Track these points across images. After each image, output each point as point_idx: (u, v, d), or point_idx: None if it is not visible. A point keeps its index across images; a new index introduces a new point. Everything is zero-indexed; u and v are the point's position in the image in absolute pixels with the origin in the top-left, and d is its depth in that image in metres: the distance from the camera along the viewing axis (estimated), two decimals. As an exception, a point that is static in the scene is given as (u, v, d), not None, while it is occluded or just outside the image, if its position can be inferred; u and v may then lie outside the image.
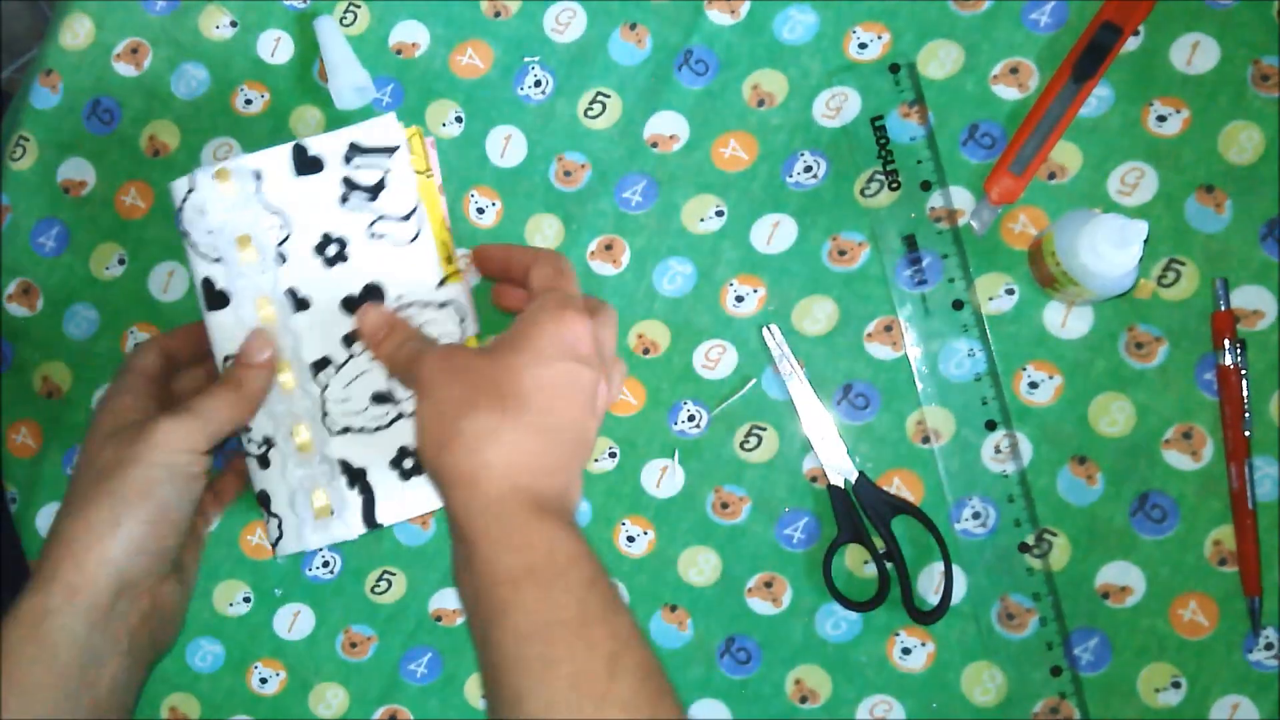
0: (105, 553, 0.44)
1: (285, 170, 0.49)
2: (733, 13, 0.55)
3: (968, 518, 0.53)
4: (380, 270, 0.49)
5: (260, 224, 0.49)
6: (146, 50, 0.59)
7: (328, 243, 0.49)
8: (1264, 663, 0.50)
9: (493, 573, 0.41)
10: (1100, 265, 0.46)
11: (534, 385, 0.42)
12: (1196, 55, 0.52)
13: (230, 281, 0.49)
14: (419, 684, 0.56)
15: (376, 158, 0.49)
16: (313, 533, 0.49)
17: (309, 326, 0.49)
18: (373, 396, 0.49)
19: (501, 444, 0.41)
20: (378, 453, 0.50)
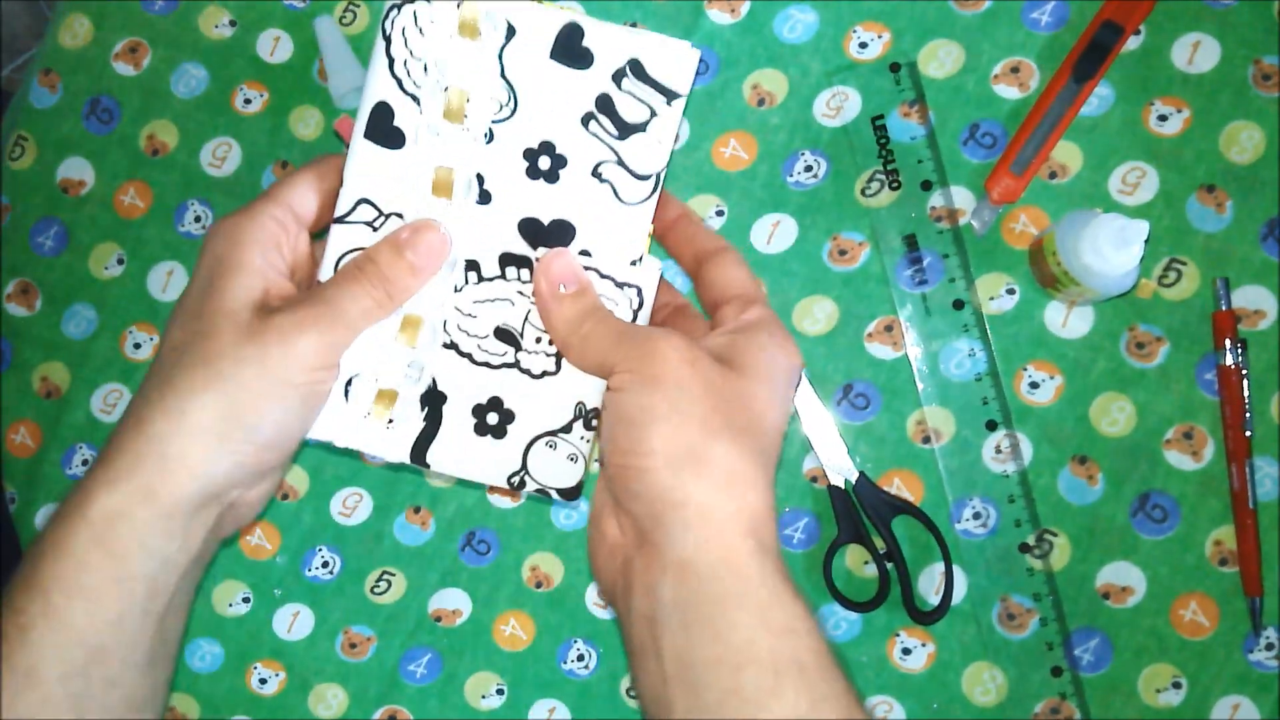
0: (199, 467, 0.38)
1: (543, 43, 0.40)
2: (733, 12, 0.55)
3: (968, 518, 0.53)
4: (582, 214, 0.41)
5: (485, 87, 0.40)
6: (146, 50, 0.59)
7: (544, 153, 0.41)
8: (1265, 663, 0.50)
9: (744, 653, 0.33)
10: (1101, 265, 0.46)
11: (776, 427, 0.37)
12: (1197, 55, 0.52)
13: (415, 126, 0.41)
14: (419, 684, 0.56)
15: (653, 93, 0.40)
16: (355, 431, 0.42)
17: (478, 223, 0.42)
18: (497, 329, 0.42)
19: (758, 489, 0.35)
20: (468, 389, 0.42)
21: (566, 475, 0.43)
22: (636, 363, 0.37)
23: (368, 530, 0.56)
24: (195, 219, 0.58)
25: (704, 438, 0.35)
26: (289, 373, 0.38)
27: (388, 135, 0.41)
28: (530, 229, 0.42)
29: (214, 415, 0.38)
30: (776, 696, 0.33)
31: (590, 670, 0.55)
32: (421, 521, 0.56)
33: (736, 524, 0.35)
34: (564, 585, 0.55)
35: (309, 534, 0.56)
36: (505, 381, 0.42)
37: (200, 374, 0.38)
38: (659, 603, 0.35)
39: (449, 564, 0.56)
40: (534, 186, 0.41)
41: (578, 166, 0.41)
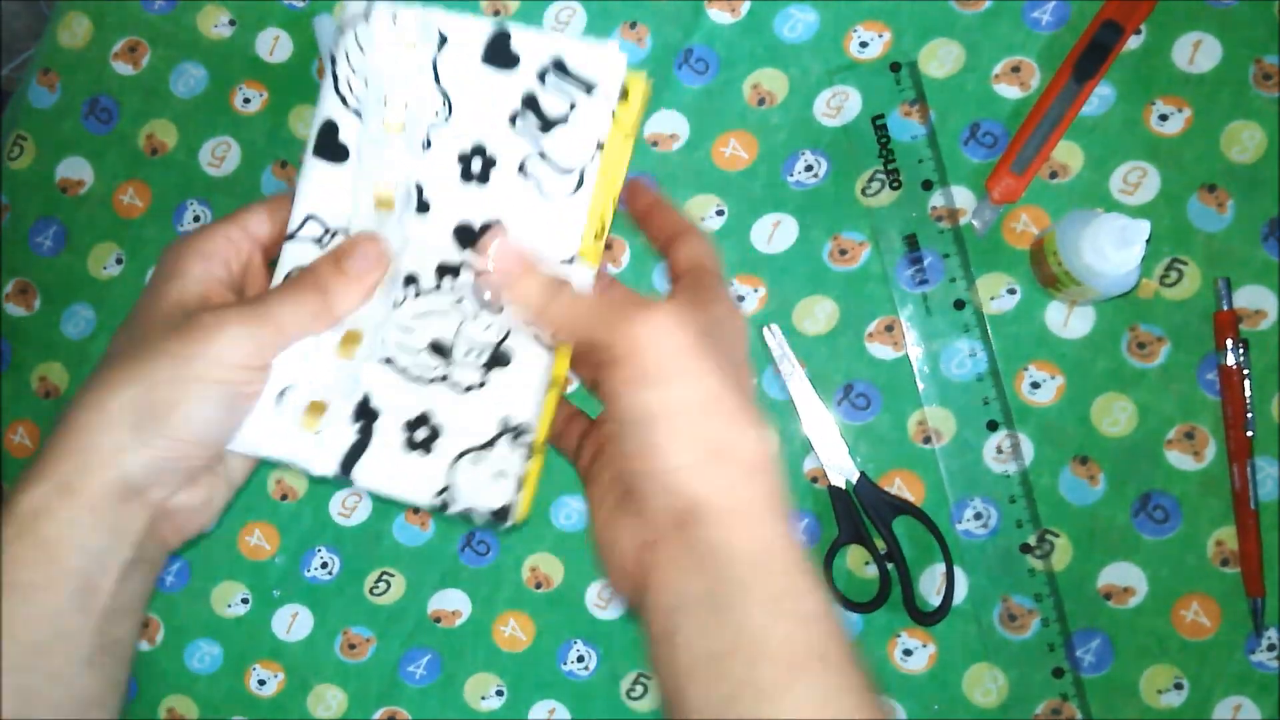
0: (113, 460, 0.37)
1: (473, 49, 0.41)
2: (733, 11, 0.55)
3: (969, 518, 0.53)
4: (510, 211, 0.41)
5: (422, 96, 0.41)
6: (145, 49, 0.59)
7: (476, 155, 0.41)
8: (1266, 663, 0.50)
9: (760, 642, 0.33)
10: (1102, 265, 0.46)
11: (751, 393, 0.37)
12: (1198, 54, 0.52)
13: (359, 140, 0.41)
14: (418, 685, 0.56)
15: (573, 87, 0.40)
16: (282, 440, 0.41)
17: (419, 234, 0.42)
18: (431, 343, 0.42)
19: (774, 471, 0.34)
20: (400, 404, 0.42)
21: (492, 494, 0.41)
22: (638, 350, 0.35)
23: (367, 531, 0.56)
24: (194, 218, 0.58)
25: (728, 427, 0.34)
26: (210, 369, 0.38)
27: (334, 151, 0.42)
28: (464, 235, 0.41)
29: (130, 406, 0.37)
30: (791, 689, 0.32)
31: (590, 671, 0.55)
32: (421, 522, 0.56)
33: (760, 511, 0.34)
34: (564, 586, 0.55)
35: (308, 535, 0.56)
36: (435, 396, 0.42)
37: (123, 368, 0.38)
38: (679, 596, 0.35)
39: (448, 564, 0.56)
40: (467, 190, 0.41)
41: (505, 165, 0.41)
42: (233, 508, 0.56)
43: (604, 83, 0.40)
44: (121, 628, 0.40)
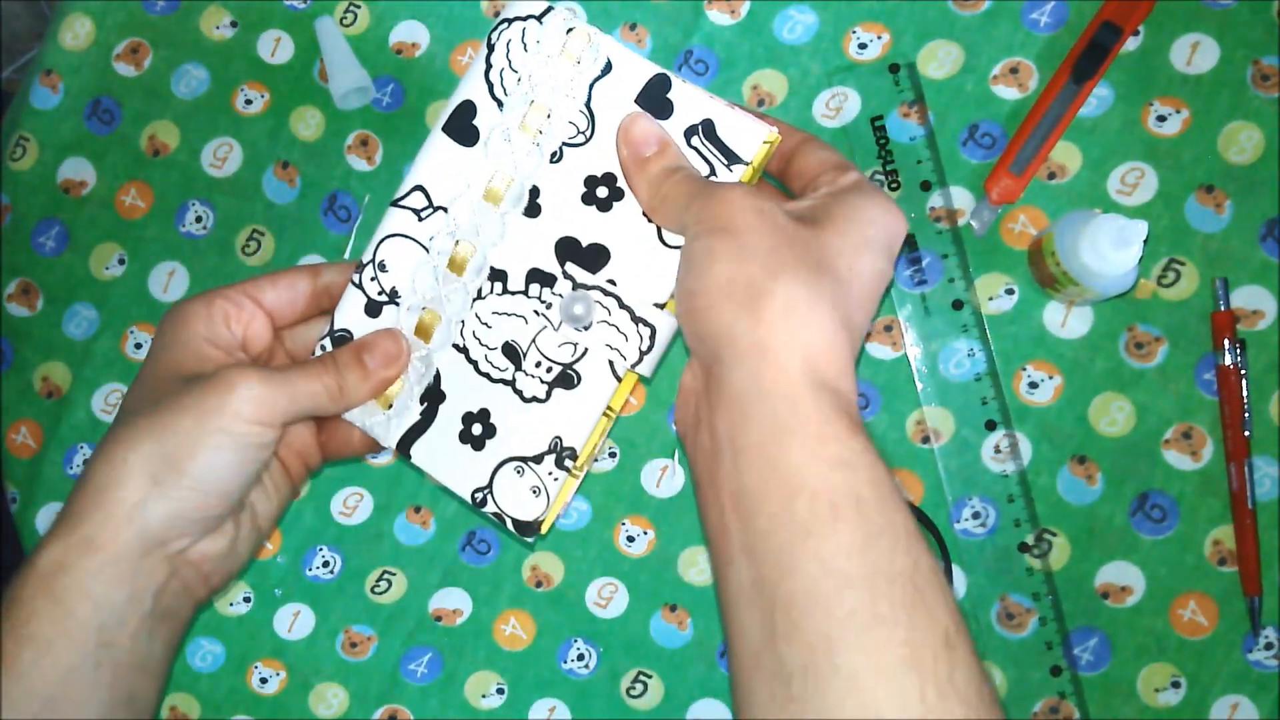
0: (135, 512, 0.39)
1: (632, 85, 0.42)
2: (732, 13, 0.55)
3: (967, 517, 0.53)
4: (623, 245, 0.42)
5: (568, 109, 0.42)
6: (147, 50, 0.59)
7: (605, 184, 0.42)
8: (1264, 662, 0.50)
9: (792, 482, 0.33)
10: (1100, 265, 0.46)
11: (853, 274, 0.36)
12: (1196, 55, 0.52)
13: (492, 130, 0.43)
14: (419, 684, 0.56)
15: (716, 155, 0.42)
16: (360, 408, 0.44)
17: (519, 234, 0.43)
18: (505, 345, 0.43)
19: (819, 324, 0.34)
20: (463, 395, 0.44)
21: (526, 507, 0.43)
22: (709, 212, 0.37)
23: (368, 530, 0.56)
24: (196, 219, 0.58)
25: (764, 274, 0.34)
26: (224, 421, 0.39)
27: (464, 131, 0.43)
28: (565, 248, 0.43)
29: (149, 459, 0.39)
30: (829, 526, 0.32)
31: (590, 670, 0.55)
32: (422, 521, 0.56)
33: (791, 357, 0.34)
34: (564, 585, 0.55)
35: (309, 534, 0.57)
36: (498, 397, 0.44)
37: (140, 424, 0.39)
38: (717, 437, 0.35)
39: (449, 563, 0.56)
40: (585, 211, 0.43)
41: (633, 203, 0.42)
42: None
43: (746, 156, 0.41)
44: (141, 684, 0.41)
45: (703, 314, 0.36)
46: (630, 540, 0.55)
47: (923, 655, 0.31)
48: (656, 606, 0.55)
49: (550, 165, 0.43)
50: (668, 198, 0.40)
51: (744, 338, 0.34)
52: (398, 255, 0.44)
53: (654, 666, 0.55)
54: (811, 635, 0.31)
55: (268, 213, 0.58)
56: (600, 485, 0.55)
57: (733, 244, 0.35)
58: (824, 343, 0.34)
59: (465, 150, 0.43)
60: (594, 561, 0.55)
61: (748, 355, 0.34)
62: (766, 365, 0.34)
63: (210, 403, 0.39)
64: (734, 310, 0.35)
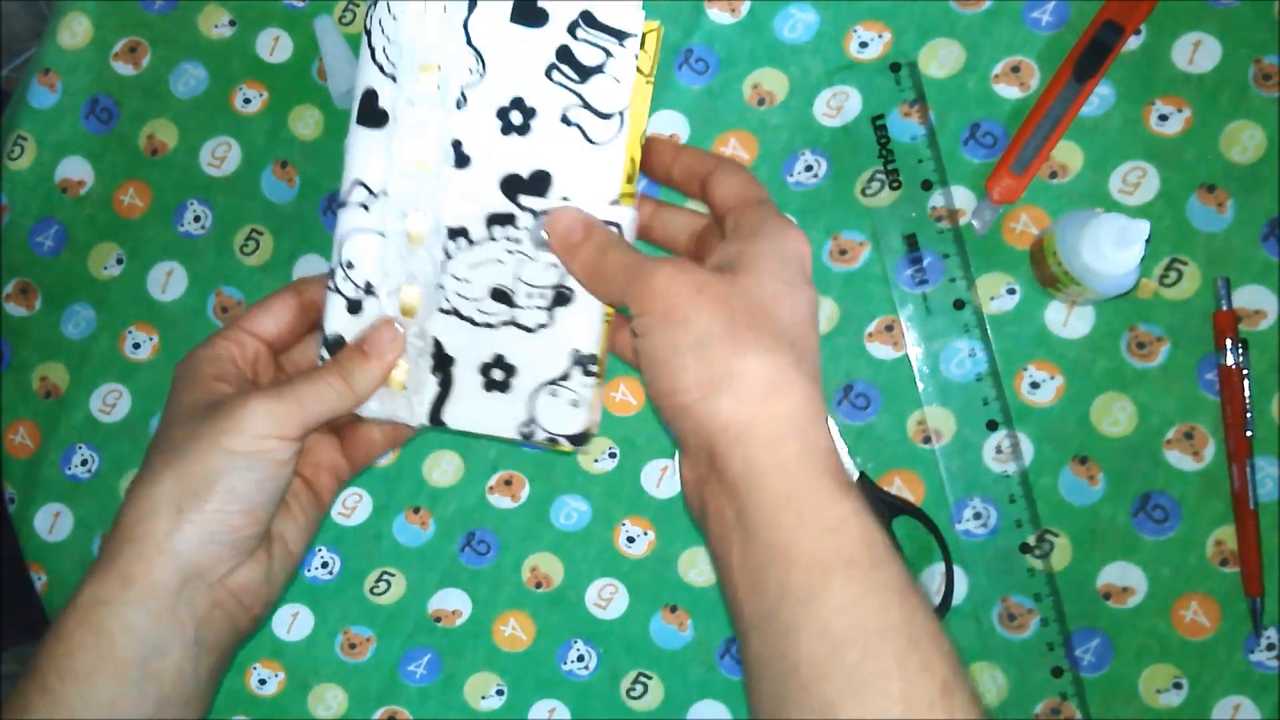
0: (166, 542, 0.40)
1: (503, 8, 0.43)
2: (733, 11, 0.55)
3: (969, 518, 0.53)
4: (556, 160, 0.44)
5: (454, 57, 0.43)
6: (145, 49, 0.59)
7: (515, 108, 0.44)
8: (1266, 663, 0.50)
9: (788, 554, 0.35)
10: (1102, 265, 0.46)
11: (798, 319, 0.38)
12: (1198, 54, 0.52)
13: (395, 104, 0.44)
14: (418, 685, 0.56)
15: (605, 37, 0.43)
16: (376, 400, 0.45)
17: (461, 188, 0.44)
18: (492, 291, 0.45)
19: (792, 393, 0.36)
20: (472, 349, 0.45)
21: (571, 421, 0.45)
22: (649, 301, 0.38)
23: (367, 530, 0.56)
24: (195, 219, 0.58)
25: (730, 356, 0.36)
26: (240, 441, 0.40)
27: (374, 116, 0.44)
28: (510, 184, 0.44)
29: (173, 490, 0.40)
30: (824, 591, 0.34)
31: (590, 671, 0.55)
32: (421, 522, 0.56)
33: (777, 433, 0.36)
34: (564, 585, 0.55)
35: (308, 534, 0.56)
36: (506, 338, 0.45)
37: (161, 458, 0.41)
38: (724, 523, 0.37)
39: (448, 564, 0.56)
40: (509, 142, 0.44)
41: (547, 115, 0.44)
42: (233, 507, 0.56)
43: (631, 30, 0.43)
44: (185, 715, 0.42)
45: (687, 411, 0.37)
46: (630, 541, 0.55)
47: (918, 705, 0.32)
48: (657, 607, 0.55)
49: (459, 113, 0.44)
50: (604, 278, 0.41)
51: (731, 425, 0.36)
52: (360, 250, 0.45)
53: (654, 668, 0.55)
54: (817, 700, 0.33)
55: (266, 212, 0.58)
56: (600, 486, 0.55)
57: (689, 335, 0.37)
58: (801, 406, 0.36)
59: (382, 132, 0.44)
60: (594, 562, 0.55)
61: (738, 440, 0.36)
62: (756, 446, 0.36)
63: (223, 425, 0.40)
64: (715, 401, 0.36)
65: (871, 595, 0.34)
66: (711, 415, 0.36)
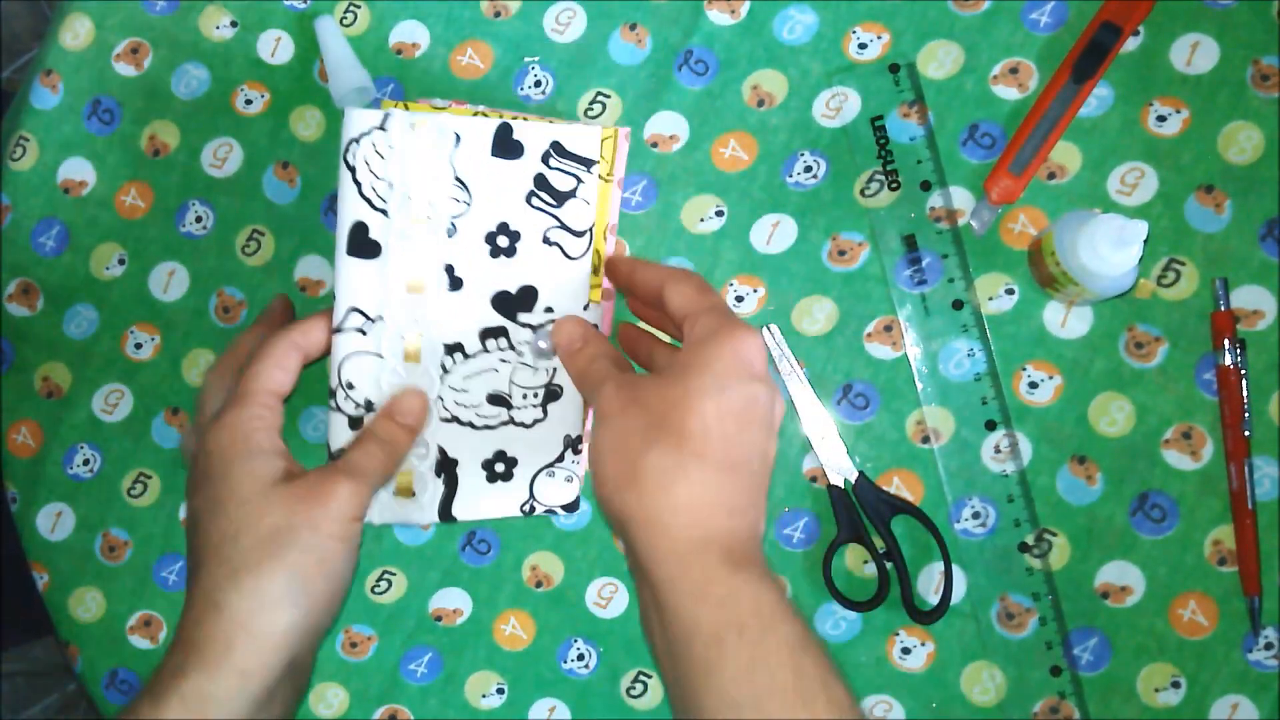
0: (283, 638, 0.41)
1: (483, 144, 0.48)
2: (732, 13, 0.55)
3: (967, 517, 0.53)
4: (540, 275, 0.49)
5: (443, 190, 0.48)
6: (147, 50, 0.59)
7: (501, 233, 0.49)
8: (1264, 662, 0.50)
9: (689, 628, 0.38)
10: (1100, 265, 0.46)
11: (716, 416, 0.40)
12: (1196, 55, 0.52)
13: (387, 236, 0.48)
14: (419, 684, 0.56)
15: (575, 166, 0.49)
16: (384, 509, 0.49)
17: (455, 308, 0.49)
18: (489, 396, 0.49)
19: (689, 484, 0.39)
20: (474, 449, 0.50)
21: (565, 494, 0.52)
22: (597, 405, 0.43)
23: (368, 530, 0.56)
24: (196, 219, 0.58)
25: (637, 454, 0.39)
26: (334, 528, 0.42)
27: (365, 247, 0.48)
28: (501, 301, 0.49)
29: (286, 586, 0.41)
30: (720, 661, 0.37)
31: (590, 669, 0.55)
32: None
33: (673, 520, 0.39)
34: (564, 585, 0.55)
35: (309, 534, 0.57)
36: (505, 436, 0.50)
37: (265, 550, 0.41)
38: (645, 602, 0.41)
39: (449, 564, 0.56)
40: (497, 264, 0.49)
41: (530, 237, 0.49)
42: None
43: (593, 155, 0.50)
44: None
45: (608, 503, 0.41)
46: (630, 540, 0.55)
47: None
48: (656, 606, 0.55)
49: (450, 240, 0.48)
50: (587, 384, 0.45)
51: (636, 514, 0.39)
52: (359, 371, 0.48)
53: (654, 667, 0.55)
54: None
55: (268, 213, 0.58)
56: (600, 485, 0.55)
57: (610, 434, 0.41)
58: (705, 494, 0.39)
59: (374, 262, 0.48)
60: (594, 561, 0.55)
61: (642, 528, 0.39)
62: (655, 534, 0.39)
63: (319, 513, 0.42)
64: (623, 493, 0.40)
65: (761, 662, 0.37)
66: (621, 507, 0.40)
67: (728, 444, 0.40)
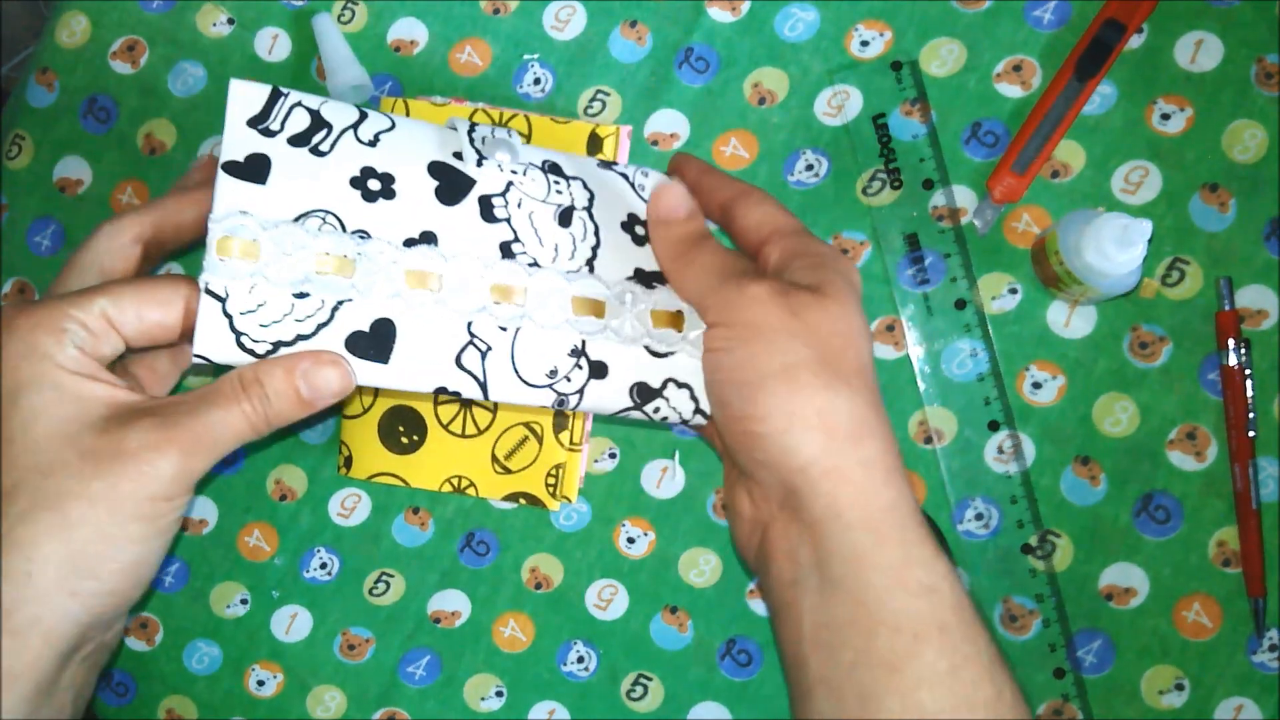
0: (54, 631, 0.33)
1: (253, 191, 0.38)
2: (733, 10, 0.55)
3: (970, 519, 0.52)
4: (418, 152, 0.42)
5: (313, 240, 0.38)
6: (143, 48, 0.59)
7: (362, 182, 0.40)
8: (1268, 664, 0.50)
9: (879, 613, 0.33)
10: (1104, 264, 0.46)
11: (868, 354, 0.35)
12: (1200, 53, 0.52)
13: (368, 304, 0.38)
14: (417, 686, 0.56)
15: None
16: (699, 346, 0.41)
17: (457, 244, 0.40)
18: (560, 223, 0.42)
19: (880, 435, 0.34)
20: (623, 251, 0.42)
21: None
22: (735, 311, 0.35)
23: (366, 531, 0.56)
24: (193, 218, 0.58)
25: (819, 391, 0.34)
26: (142, 507, 0.33)
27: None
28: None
29: (63, 569, 0.33)
30: (915, 660, 0.32)
31: (590, 672, 0.55)
32: (420, 522, 0.56)
33: (867, 478, 0.34)
34: (564, 586, 0.55)
35: (307, 535, 0.56)
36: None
37: (44, 522, 0.33)
38: (798, 566, 0.35)
39: (448, 565, 0.56)
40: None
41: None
42: (232, 508, 0.56)
43: None
44: None
45: (764, 441, 0.34)
46: (630, 542, 0.55)
47: None
48: (657, 608, 0.54)
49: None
50: (690, 270, 0.38)
51: (815, 464, 0.33)
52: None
53: (654, 669, 0.54)
54: None
55: (265, 212, 0.57)
56: (600, 486, 0.55)
57: (776, 359, 0.34)
58: (886, 450, 0.34)
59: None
60: (594, 563, 0.55)
61: (821, 482, 0.33)
62: (842, 491, 0.33)
63: (124, 489, 0.33)
64: (796, 436, 0.33)
65: (965, 667, 0.32)
66: (794, 450, 0.34)
67: (878, 391, 0.36)
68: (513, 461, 0.52)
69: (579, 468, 0.53)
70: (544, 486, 0.52)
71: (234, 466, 0.56)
